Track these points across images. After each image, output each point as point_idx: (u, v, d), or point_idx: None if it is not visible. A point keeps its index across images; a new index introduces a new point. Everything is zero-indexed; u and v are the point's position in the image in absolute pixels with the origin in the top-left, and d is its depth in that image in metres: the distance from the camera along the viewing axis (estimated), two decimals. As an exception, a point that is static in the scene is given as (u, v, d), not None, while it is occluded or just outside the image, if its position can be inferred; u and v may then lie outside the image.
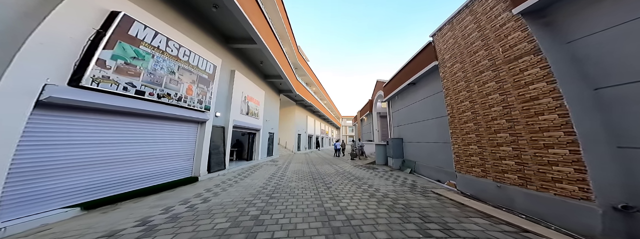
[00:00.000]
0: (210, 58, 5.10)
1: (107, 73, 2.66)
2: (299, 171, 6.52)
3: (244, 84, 7.49)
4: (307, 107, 19.22)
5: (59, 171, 2.40)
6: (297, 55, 15.38)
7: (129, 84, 2.95)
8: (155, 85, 3.40)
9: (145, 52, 3.20)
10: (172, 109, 3.86)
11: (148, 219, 2.37)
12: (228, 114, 6.42)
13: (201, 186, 4.11)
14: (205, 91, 4.81)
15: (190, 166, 4.71)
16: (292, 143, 15.50)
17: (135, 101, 3.10)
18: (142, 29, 3.14)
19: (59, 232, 2.02)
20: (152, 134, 3.66)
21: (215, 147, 5.61)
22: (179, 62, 3.96)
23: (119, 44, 2.79)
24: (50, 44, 2.21)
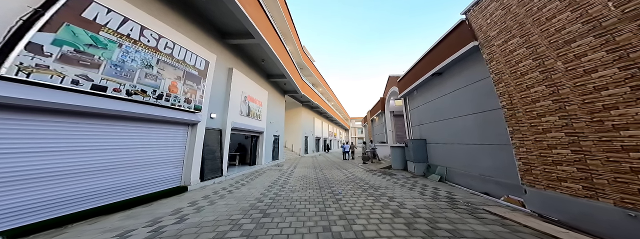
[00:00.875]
0: (201, 53, 4.51)
1: (45, 61, 2.06)
2: (304, 177, 5.66)
3: (244, 83, 6.89)
4: (314, 109, 18.41)
5: None
6: (302, 55, 14.82)
7: (83, 77, 2.36)
8: (123, 79, 2.80)
9: (108, 40, 2.62)
10: (150, 108, 3.24)
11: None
12: (225, 115, 5.81)
13: (187, 198, 3.41)
14: (195, 88, 4.21)
15: (180, 174, 4.07)
16: (299, 146, 14.73)
17: (95, 98, 2.50)
18: (104, 13, 2.56)
19: None
20: (127, 138, 3.05)
21: (210, 152, 4.97)
22: (159, 55, 3.37)
23: (66, 26, 2.21)
24: None
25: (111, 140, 2.84)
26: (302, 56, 14.84)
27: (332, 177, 5.61)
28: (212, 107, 5.23)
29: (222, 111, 5.78)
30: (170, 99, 3.58)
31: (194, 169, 4.29)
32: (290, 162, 10.31)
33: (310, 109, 17.75)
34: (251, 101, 7.46)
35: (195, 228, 2.18)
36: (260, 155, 8.19)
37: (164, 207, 2.90)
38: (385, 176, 5.56)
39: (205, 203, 3.12)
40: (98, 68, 2.50)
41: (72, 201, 2.38)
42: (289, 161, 10.59)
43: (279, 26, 10.63)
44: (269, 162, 8.90)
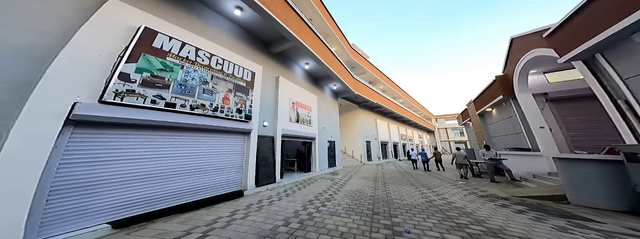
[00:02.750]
0: (247, 65, 4.76)
1: (132, 87, 2.56)
2: (356, 192, 4.30)
3: (291, 89, 6.81)
4: (375, 109, 16.15)
5: (96, 188, 2.33)
6: (352, 53, 13.66)
7: (158, 97, 2.80)
8: (187, 96, 3.18)
9: (173, 64, 3.08)
10: (210, 120, 3.53)
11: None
12: (275, 122, 5.85)
13: (236, 205, 3.30)
14: (244, 99, 4.41)
15: (240, 178, 4.29)
16: (359, 152, 13.03)
17: (168, 114, 2.93)
18: (167, 41, 3.05)
19: None
20: (195, 147, 3.46)
21: (264, 158, 5.03)
22: (212, 71, 3.72)
23: (143, 56, 2.72)
24: (78, 63, 2.27)
25: (184, 148, 3.24)
26: (351, 54, 13.64)
27: (400, 197, 3.87)
28: (263, 115, 5.36)
29: (273, 118, 5.85)
30: (224, 110, 3.82)
31: (250, 175, 4.35)
32: (348, 170, 9.05)
33: (370, 110, 15.69)
34: (299, 106, 7.23)
35: None
36: (314, 162, 7.69)
37: (208, 215, 2.82)
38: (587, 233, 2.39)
39: (240, 215, 2.83)
40: (168, 88, 2.92)
41: (157, 199, 2.78)
42: (347, 169, 9.34)
43: (319, 27, 10.27)
44: (324, 170, 8.22)
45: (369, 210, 3.05)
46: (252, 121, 4.65)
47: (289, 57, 7.40)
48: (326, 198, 3.85)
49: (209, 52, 3.76)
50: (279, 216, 2.77)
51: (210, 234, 2.18)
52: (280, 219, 2.67)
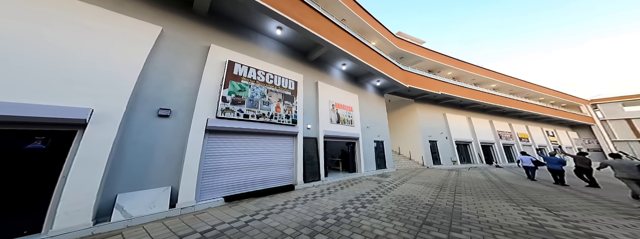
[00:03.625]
0: (290, 75, 6.05)
1: (227, 105, 4.19)
2: (407, 198, 4.30)
3: (329, 92, 7.69)
4: (442, 102, 14.45)
5: (217, 173, 4.07)
6: (397, 43, 13.07)
7: (239, 111, 4.37)
8: (254, 108, 4.68)
9: (245, 84, 4.64)
10: (269, 126, 4.99)
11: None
12: (317, 125, 6.85)
13: (287, 197, 4.40)
14: (291, 106, 5.65)
15: (291, 174, 5.52)
16: (420, 153, 11.98)
17: (244, 122, 4.49)
18: (240, 67, 4.71)
19: (205, 216, 3.24)
20: (261, 146, 4.97)
21: (309, 158, 6.10)
22: (267, 86, 5.16)
23: (230, 83, 4.34)
24: (206, 94, 4.10)
25: (256, 147, 4.83)
26: (397, 44, 13.08)
27: (477, 212, 3.32)
28: (306, 119, 6.48)
29: (314, 121, 6.88)
30: (277, 117, 5.16)
31: (299, 172, 5.51)
32: (402, 173, 8.75)
33: (433, 103, 14.13)
34: (339, 107, 7.93)
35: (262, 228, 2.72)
36: (359, 162, 8.16)
37: (270, 202, 4.02)
38: None
39: (290, 205, 3.78)
40: (244, 104, 4.48)
41: (243, 184, 4.40)
42: (401, 173, 9.06)
43: (353, 26, 10.64)
44: (371, 171, 8.52)
45: (419, 219, 2.97)
46: (297, 124, 5.80)
47: (325, 62, 8.31)
48: (368, 199, 4.18)
49: (264, 70, 5.28)
50: (319, 211, 3.42)
51: (269, 217, 3.14)
52: (319, 213, 3.29)
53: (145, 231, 2.65)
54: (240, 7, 4.85)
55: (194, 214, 3.24)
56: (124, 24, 3.43)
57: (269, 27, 5.74)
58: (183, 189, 3.42)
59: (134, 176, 3.15)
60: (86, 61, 2.95)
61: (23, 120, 2.45)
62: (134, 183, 3.13)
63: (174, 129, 3.66)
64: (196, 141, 3.73)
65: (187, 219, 3.04)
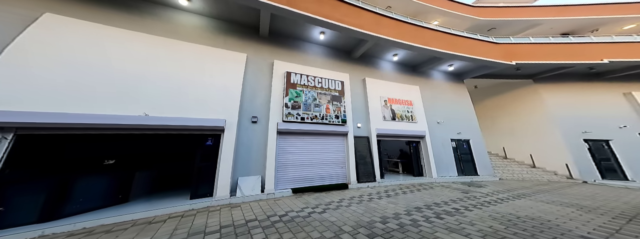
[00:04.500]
0: (336, 76, 7.13)
1: (289, 110, 5.73)
2: (531, 219, 3.35)
3: (380, 87, 8.17)
4: (611, 75, 9.89)
5: (286, 168, 5.66)
6: (479, 12, 11.76)
7: (297, 114, 5.70)
8: (308, 111, 5.91)
9: (299, 91, 6.06)
10: (321, 126, 6.25)
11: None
12: (368, 123, 7.29)
13: (342, 195, 5.25)
14: (339, 106, 6.52)
15: (344, 173, 6.22)
16: (561, 158, 8.66)
17: (301, 124, 5.99)
18: (294, 75, 6.27)
19: (281, 203, 4.71)
20: (318, 145, 6.28)
21: (361, 158, 6.60)
22: (317, 89, 6.45)
23: (289, 91, 5.82)
24: (276, 102, 5.80)
25: (315, 146, 6.18)
26: (480, 14, 11.23)
27: None
28: (356, 117, 7.29)
29: (365, 119, 7.49)
30: (327, 118, 6.20)
31: (352, 171, 6.44)
32: (515, 185, 6.85)
33: (583, 79, 9.95)
34: (394, 103, 8.20)
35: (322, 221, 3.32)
36: (427, 165, 7.94)
37: (325, 198, 5.08)
38: None
39: (345, 203, 4.44)
40: (300, 108, 5.89)
41: (305, 179, 5.81)
42: (512, 184, 7.15)
43: (404, 10, 10.42)
44: (449, 177, 8.03)
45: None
46: (347, 124, 6.49)
47: (372, 56, 8.64)
48: (445, 210, 3.90)
49: (313, 75, 6.66)
50: (376, 213, 3.67)
51: (327, 212, 3.80)
52: (377, 216, 3.51)
53: (250, 207, 4.09)
54: (289, 23, 6.37)
55: (274, 200, 4.67)
56: (227, 57, 5.55)
57: (313, 34, 7.05)
58: (267, 179, 5.09)
59: (243, 166, 5.07)
60: (215, 87, 5.06)
61: (200, 127, 4.60)
62: (244, 170, 5.03)
63: (260, 131, 5.53)
64: (272, 141, 5.46)
65: (271, 203, 4.34)
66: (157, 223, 3.15)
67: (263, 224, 2.98)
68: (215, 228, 2.82)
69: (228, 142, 4.68)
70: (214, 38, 5.75)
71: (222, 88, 5.00)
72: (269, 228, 2.86)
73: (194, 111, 4.54)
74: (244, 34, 6.22)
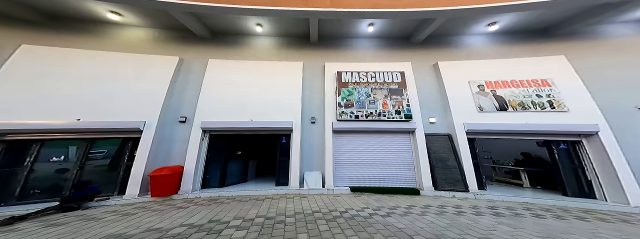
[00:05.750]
0: (392, 68, 6.12)
1: (343, 109, 5.74)
2: None
3: (468, 70, 6.05)
4: None
5: (343, 166, 5.50)
6: None
7: (351, 113, 5.51)
8: (361, 109, 5.53)
9: (351, 89, 5.91)
10: (377, 123, 5.52)
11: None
12: (449, 117, 5.60)
13: (412, 201, 4.27)
14: (400, 100, 5.55)
15: (413, 177, 5.03)
16: None
17: (355, 122, 5.62)
18: (345, 74, 6.08)
19: (340, 199, 4.66)
20: (376, 144, 5.58)
21: (440, 160, 5.11)
22: (370, 85, 5.90)
23: (341, 90, 5.88)
24: (330, 102, 5.86)
25: (373, 145, 5.58)
26: None
27: None
28: (427, 111, 5.85)
29: (442, 112, 5.94)
30: (385, 114, 5.46)
31: (424, 176, 5.15)
32: None
33: None
34: (501, 87, 5.66)
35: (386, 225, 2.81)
36: (608, 181, 4.56)
37: (392, 202, 4.31)
38: None
39: (417, 211, 3.55)
40: (353, 106, 5.70)
41: (363, 179, 5.35)
42: None
43: None
44: None
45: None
46: (413, 119, 5.45)
47: (445, 34, 7.09)
48: None
49: (365, 71, 6.16)
50: (472, 232, 2.68)
51: (392, 216, 3.25)
52: (474, 236, 2.57)
53: (315, 200, 4.24)
54: (336, 23, 6.23)
55: (334, 196, 4.67)
56: (289, 67, 6.28)
57: (360, 28, 6.46)
58: (327, 175, 5.21)
59: (307, 161, 5.48)
60: (283, 94, 5.87)
61: (276, 128, 5.57)
62: (308, 166, 5.44)
63: (317, 131, 5.85)
64: (329, 139, 5.59)
65: (331, 198, 4.32)
66: (260, 201, 3.98)
67: (326, 217, 3.01)
68: (292, 212, 3.19)
69: (295, 141, 5.28)
70: (278, 53, 6.62)
71: (288, 94, 5.70)
72: (332, 221, 2.87)
73: (274, 116, 5.40)
74: (298, 43, 6.73)
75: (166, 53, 5.70)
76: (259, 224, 2.70)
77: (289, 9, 4.96)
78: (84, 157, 4.50)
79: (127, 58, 5.22)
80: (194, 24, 5.55)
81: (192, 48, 6.08)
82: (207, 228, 2.53)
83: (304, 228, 2.58)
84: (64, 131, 4.40)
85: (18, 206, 3.79)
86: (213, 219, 2.90)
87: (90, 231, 2.52)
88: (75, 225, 2.77)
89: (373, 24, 6.10)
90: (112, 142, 4.72)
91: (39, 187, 4.22)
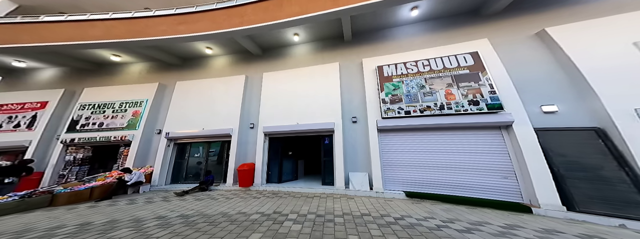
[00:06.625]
0: (458, 49, 4.29)
1: (388, 106, 4.50)
2: None
3: (622, 28, 3.54)
4: None
5: (394, 167, 4.29)
6: None
7: (399, 109, 4.40)
8: (414, 103, 4.24)
9: (397, 82, 4.55)
10: (441, 118, 3.93)
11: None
12: (592, 102, 3.33)
13: (513, 220, 2.61)
14: (475, 87, 3.79)
15: (516, 187, 3.32)
16: None
17: (406, 119, 4.26)
18: (387, 68, 4.77)
19: (393, 204, 3.61)
20: (443, 143, 4.01)
21: (580, 167, 3.18)
22: (423, 75, 4.32)
23: (384, 85, 4.67)
24: (371, 99, 4.85)
25: (437, 145, 4.08)
26: None
27: None
28: (533, 97, 3.66)
29: (576, 96, 3.49)
30: (452, 106, 3.85)
31: (540, 188, 3.07)
32: None
33: None
34: None
35: None
36: None
37: (475, 214, 2.77)
38: None
39: (523, 233, 2.23)
40: (401, 101, 4.40)
41: (425, 184, 3.90)
42: None
43: None
44: None
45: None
46: (505, 110, 3.55)
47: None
48: None
49: (413, 60, 4.64)
50: None
51: (475, 234, 2.24)
52: None
53: (362, 202, 3.58)
54: (369, 17, 5.24)
55: (384, 200, 3.70)
56: (326, 69, 5.78)
57: (400, 15, 5.17)
58: (374, 177, 4.24)
59: (351, 162, 4.76)
60: (323, 97, 5.45)
61: (319, 130, 5.19)
62: (352, 166, 4.71)
63: (360, 130, 4.95)
64: (373, 138, 4.56)
65: (381, 202, 3.53)
66: (309, 198, 3.79)
67: (378, 222, 2.59)
68: (340, 212, 2.96)
69: (338, 141, 4.76)
70: (315, 57, 6.32)
71: (327, 96, 5.32)
72: (385, 227, 2.45)
73: (315, 118, 5.17)
74: (333, 45, 6.24)
75: (237, 73, 6.69)
76: (311, 220, 2.63)
77: (321, 13, 4.64)
78: (207, 154, 6.05)
79: (218, 81, 6.55)
80: (250, 45, 6.31)
81: (252, 66, 6.81)
82: (273, 218, 2.71)
83: (354, 230, 2.33)
84: (198, 136, 5.80)
85: (183, 185, 5.44)
86: (276, 210, 3.05)
87: (214, 207, 3.34)
88: (207, 201, 3.75)
89: (417, 6, 4.75)
90: (217, 144, 6.03)
91: (191, 173, 5.93)
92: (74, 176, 6.15)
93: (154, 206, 3.60)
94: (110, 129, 6.16)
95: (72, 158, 6.32)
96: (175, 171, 6.01)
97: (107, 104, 6.50)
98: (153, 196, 4.47)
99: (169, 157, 5.99)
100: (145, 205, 3.68)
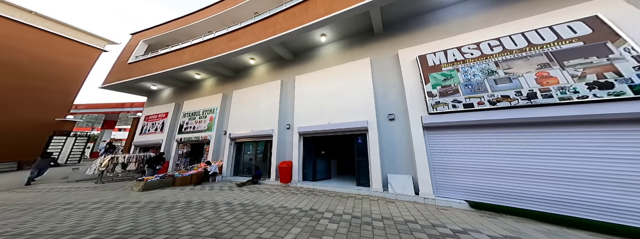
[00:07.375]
0: (562, 16, 2.88)
1: (436, 99, 3.37)
2: None
3: None
4: None
5: (451, 172, 3.20)
6: None
7: (455, 101, 3.22)
8: (479, 93, 3.02)
9: (449, 71, 3.35)
10: (529, 111, 2.65)
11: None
12: None
13: None
14: (601, 63, 2.31)
15: None
16: None
17: (466, 114, 3.07)
18: (433, 57, 3.66)
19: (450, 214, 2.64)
20: (530, 144, 2.73)
21: None
22: (491, 58, 3.04)
23: (430, 76, 3.55)
24: (413, 93, 3.95)
25: (520, 146, 2.82)
26: None
27: None
28: None
29: None
30: (550, 93, 2.51)
31: None
32: None
33: None
34: None
35: None
36: None
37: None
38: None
39: None
40: (458, 92, 3.19)
41: (505, 195, 2.66)
42: None
43: None
44: None
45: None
46: None
47: None
48: None
49: (473, 42, 3.38)
50: None
51: None
52: None
53: (405, 207, 2.96)
54: (401, 4, 4.32)
55: (436, 208, 2.90)
56: (356, 66, 5.11)
57: None
58: (421, 181, 3.34)
59: (390, 163, 3.98)
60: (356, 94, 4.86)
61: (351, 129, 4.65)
62: (391, 168, 3.92)
63: (399, 128, 4.07)
64: (418, 137, 3.59)
65: (431, 210, 2.84)
66: (344, 198, 3.51)
67: (429, 232, 2.12)
68: (378, 216, 2.61)
69: (373, 140, 4.15)
70: (344, 56, 5.79)
71: (359, 94, 4.78)
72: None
73: (347, 117, 4.79)
74: (361, 40, 5.58)
75: (274, 79, 6.95)
76: (347, 221, 2.41)
77: (347, 9, 4.19)
78: (255, 152, 6.53)
79: (260, 87, 7.01)
80: (283, 51, 6.36)
81: (286, 70, 6.91)
82: (309, 215, 2.62)
83: (397, 237, 2.00)
84: (248, 136, 6.18)
85: (241, 177, 5.90)
86: (312, 207, 2.93)
87: (262, 199, 3.51)
88: (257, 193, 4.02)
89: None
90: (262, 143, 6.41)
91: (245, 167, 6.47)
92: (182, 165, 7.64)
93: (224, 193, 4.11)
94: (198, 131, 7.34)
95: (181, 152, 7.97)
96: (236, 165, 6.50)
97: (195, 112, 7.83)
98: (223, 185, 5.03)
99: (232, 153, 6.60)
100: (219, 192, 4.21)
